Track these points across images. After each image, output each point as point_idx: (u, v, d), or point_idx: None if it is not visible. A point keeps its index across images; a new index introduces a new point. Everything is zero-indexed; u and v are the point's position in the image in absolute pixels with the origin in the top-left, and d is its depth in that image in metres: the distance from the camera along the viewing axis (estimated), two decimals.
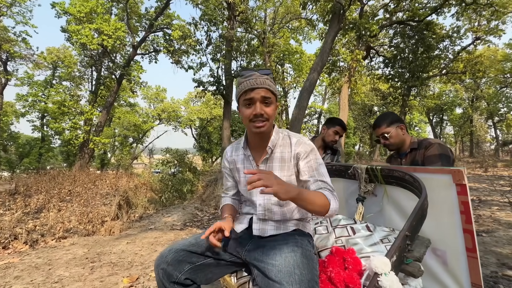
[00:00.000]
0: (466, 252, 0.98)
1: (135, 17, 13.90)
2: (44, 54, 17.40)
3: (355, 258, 0.80)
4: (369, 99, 20.65)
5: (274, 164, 1.01)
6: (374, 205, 1.30)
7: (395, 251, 0.73)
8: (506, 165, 14.68)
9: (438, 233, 1.05)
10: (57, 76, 18.62)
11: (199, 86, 8.85)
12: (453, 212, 1.01)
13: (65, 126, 15.11)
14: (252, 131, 0.98)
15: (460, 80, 14.68)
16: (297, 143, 1.02)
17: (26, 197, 5.55)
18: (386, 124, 1.51)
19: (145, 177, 10.28)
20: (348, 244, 0.96)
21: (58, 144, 20.16)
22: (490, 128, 27.13)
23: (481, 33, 11.68)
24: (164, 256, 0.89)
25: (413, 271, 0.78)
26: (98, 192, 6.50)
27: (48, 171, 8.91)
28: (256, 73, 0.99)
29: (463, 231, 0.98)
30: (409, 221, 0.81)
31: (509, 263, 2.32)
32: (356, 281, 0.72)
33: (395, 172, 1.16)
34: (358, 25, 8.36)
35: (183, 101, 27.35)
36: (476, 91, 21.76)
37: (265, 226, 1.01)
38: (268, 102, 0.96)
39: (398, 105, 13.25)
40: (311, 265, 0.80)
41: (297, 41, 16.95)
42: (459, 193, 0.99)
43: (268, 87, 0.95)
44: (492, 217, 3.94)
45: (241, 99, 0.98)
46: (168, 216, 5.10)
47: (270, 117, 0.96)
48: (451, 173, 1.01)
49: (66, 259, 2.56)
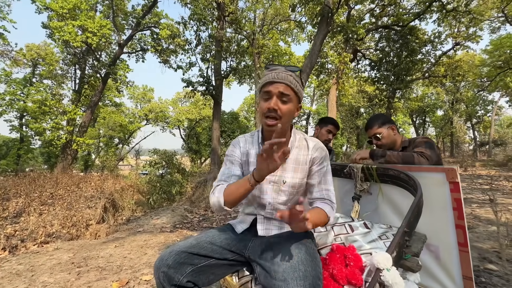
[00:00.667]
0: (458, 247, 1.03)
1: (121, 14, 13.53)
2: (23, 50, 16.61)
3: (356, 255, 0.82)
4: (356, 100, 21.14)
5: (288, 165, 1.00)
6: (369, 203, 1.32)
7: (395, 247, 0.75)
8: (483, 165, 15.47)
9: (432, 229, 1.09)
10: (37, 74, 17.79)
11: (188, 86, 8.76)
12: (446, 208, 1.05)
13: (46, 126, 14.45)
14: (264, 127, 0.97)
15: (441, 83, 15.32)
16: (314, 148, 1.01)
17: (4, 200, 5.26)
18: (378, 125, 1.55)
19: (132, 178, 10.02)
20: (348, 241, 0.97)
21: (39, 145, 19.26)
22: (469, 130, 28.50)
23: (460, 39, 12.26)
24: (164, 258, 0.86)
25: (412, 266, 0.80)
26: (82, 194, 6.27)
27: (27, 173, 8.50)
28: (281, 68, 0.95)
29: (455, 227, 1.02)
30: (407, 218, 0.83)
31: (490, 257, 2.44)
32: (358, 277, 0.74)
33: (390, 171, 1.19)
34: (346, 28, 8.56)
35: (171, 101, 26.90)
36: (456, 94, 22.79)
37: (270, 226, 1.00)
38: (286, 100, 0.92)
39: (384, 107, 13.65)
40: (314, 262, 0.80)
41: (286, 42, 17.09)
42: (452, 191, 1.03)
43: (289, 84, 0.91)
44: (473, 214, 4.13)
45: (261, 92, 0.96)
46: (157, 218, 4.99)
47: (283, 115, 0.92)
48: (444, 171, 1.05)
49: (50, 264, 2.44)
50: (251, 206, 1.07)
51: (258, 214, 1.03)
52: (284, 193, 0.99)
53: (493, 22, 14.43)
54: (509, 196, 5.64)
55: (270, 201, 0.99)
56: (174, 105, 26.56)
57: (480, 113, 25.70)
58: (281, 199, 0.99)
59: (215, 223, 4.47)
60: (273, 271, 0.77)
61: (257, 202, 1.02)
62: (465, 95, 22.89)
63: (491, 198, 2.40)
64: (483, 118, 26.15)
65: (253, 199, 1.04)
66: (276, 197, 0.99)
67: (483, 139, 29.64)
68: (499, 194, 5.85)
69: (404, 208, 1.16)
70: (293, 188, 0.99)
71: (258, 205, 1.03)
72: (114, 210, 6.10)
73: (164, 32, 11.25)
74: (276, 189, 0.99)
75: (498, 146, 29.55)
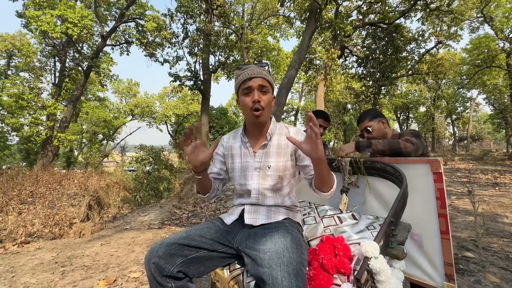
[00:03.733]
0: (440, 235, 1.08)
1: (103, 5, 12.95)
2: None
3: (345, 245, 0.84)
4: (343, 97, 21.49)
5: (271, 150, 1.06)
6: (357, 195, 1.36)
7: (382, 236, 0.78)
8: (462, 159, 16.24)
9: (416, 218, 1.13)
10: (13, 66, 16.82)
11: (176, 81, 8.58)
12: (430, 198, 1.10)
13: (24, 122, 13.76)
14: (251, 120, 1.04)
15: (424, 80, 15.86)
16: (296, 133, 1.10)
17: None
18: (368, 119, 1.59)
19: (117, 175, 9.77)
20: (337, 232, 1.00)
21: (16, 141, 18.32)
22: (449, 125, 29.75)
23: (442, 38, 12.67)
24: (155, 250, 0.87)
25: (398, 254, 0.83)
26: (65, 192, 6.05)
27: (5, 171, 8.08)
28: (253, 66, 1.04)
29: (438, 216, 1.07)
30: (393, 209, 0.86)
31: (467, 245, 2.58)
32: (347, 266, 0.76)
33: (377, 164, 1.22)
34: (334, 24, 8.64)
35: (157, 96, 26.26)
36: (438, 91, 23.68)
37: (257, 215, 1.03)
38: (265, 91, 1.02)
39: (370, 103, 13.96)
40: (300, 250, 0.83)
41: (274, 38, 17.05)
42: (436, 181, 1.07)
43: (264, 77, 1.02)
44: (452, 206, 4.34)
45: (240, 89, 1.03)
46: (145, 215, 4.91)
47: (265, 106, 1.01)
48: (429, 162, 1.09)
49: (32, 265, 2.35)
50: (240, 196, 1.11)
51: (245, 203, 1.07)
52: (270, 177, 1.04)
53: (473, 22, 15.05)
54: (484, 188, 5.97)
55: (255, 186, 1.04)
56: (161, 100, 25.96)
57: (459, 110, 26.88)
58: (268, 184, 1.03)
59: (204, 218, 4.45)
60: (259, 259, 0.79)
61: (244, 190, 1.07)
62: (446, 92, 23.83)
63: (469, 190, 2.53)
64: (462, 115, 27.38)
65: (240, 187, 1.08)
66: (262, 183, 1.04)
67: (462, 135, 31.09)
68: (475, 186, 6.18)
69: (390, 200, 1.20)
70: (278, 171, 1.03)
71: (244, 192, 1.07)
72: (99, 208, 5.94)
73: (150, 24, 10.91)
74: (263, 174, 1.04)
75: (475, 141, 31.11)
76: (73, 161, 19.58)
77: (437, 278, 1.13)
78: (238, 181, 1.09)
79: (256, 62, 1.26)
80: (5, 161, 18.85)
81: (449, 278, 1.10)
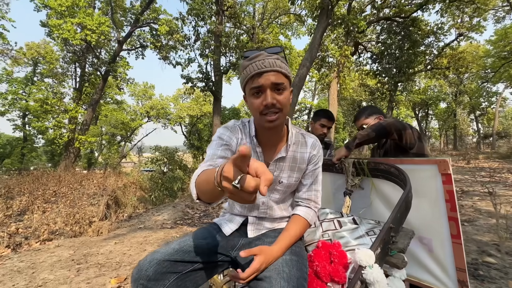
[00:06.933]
0: (451, 239, 1.02)
1: (120, 11, 13.46)
2: (23, 49, 16.65)
3: (341, 252, 0.81)
4: (357, 94, 20.97)
5: (285, 164, 0.90)
6: (361, 198, 1.32)
7: (380, 243, 0.74)
8: (486, 157, 15.32)
9: (425, 222, 1.09)
10: (38, 72, 17.86)
11: (188, 83, 8.73)
12: (438, 201, 1.04)
13: (49, 125, 14.56)
14: (263, 125, 0.82)
15: (444, 75, 15.11)
16: (313, 146, 0.93)
17: (8, 199, 5.33)
18: (364, 116, 1.55)
19: (134, 175, 10.10)
20: (335, 238, 0.97)
21: (42, 143, 19.45)
22: (472, 122, 28.20)
23: (463, 30, 12.04)
24: (144, 269, 0.74)
25: (397, 263, 0.79)
26: (85, 192, 6.32)
27: (31, 172, 8.59)
28: (264, 52, 0.81)
29: (448, 219, 1.01)
30: (393, 214, 0.82)
31: (489, 250, 2.43)
32: (342, 274, 0.73)
33: (381, 165, 1.17)
34: (346, 20, 8.43)
35: (172, 98, 26.87)
36: (459, 86, 22.50)
37: (261, 227, 0.96)
38: (281, 89, 0.79)
39: (386, 100, 13.52)
40: (300, 262, 0.78)
41: (286, 36, 16.92)
42: (444, 183, 1.02)
43: (279, 69, 0.78)
44: (474, 207, 4.11)
45: (247, 87, 0.81)
46: (158, 215, 5.03)
47: (283, 107, 0.80)
48: (436, 163, 1.04)
49: (51, 261, 2.48)
50: (241, 206, 0.98)
51: (249, 215, 0.96)
52: (278, 192, 0.94)
53: (498, 12, 14.13)
54: (511, 188, 5.60)
55: (264, 200, 0.93)
56: (175, 101, 26.54)
57: (484, 105, 25.35)
58: (274, 197, 0.94)
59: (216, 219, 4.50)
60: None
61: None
62: (468, 87, 22.58)
63: (490, 191, 2.38)
64: (487, 110, 25.82)
65: None
66: (269, 195, 0.94)
67: (487, 132, 29.35)
68: (501, 186, 5.80)
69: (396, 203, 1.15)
70: (289, 187, 0.94)
71: (250, 205, 0.94)
72: (116, 207, 6.16)
73: (163, 28, 11.18)
74: (271, 188, 0.92)
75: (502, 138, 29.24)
76: (93, 162, 20.49)
77: (449, 284, 1.07)
78: None
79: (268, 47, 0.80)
80: (32, 162, 20.05)
81: (462, 284, 1.04)
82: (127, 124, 22.78)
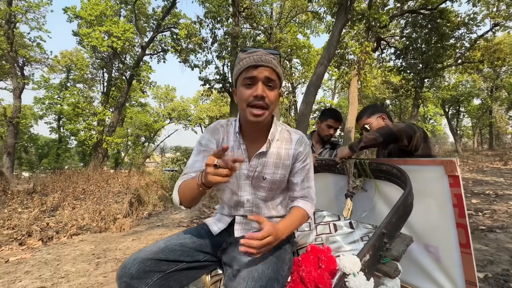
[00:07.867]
0: (459, 248, 0.93)
1: (143, 18, 14.13)
2: (58, 57, 18.06)
3: (330, 257, 0.77)
4: (380, 92, 20.07)
5: (269, 160, 0.90)
6: (365, 201, 1.25)
7: (369, 250, 0.70)
8: None
9: (430, 228, 1.00)
10: (71, 78, 19.29)
11: (205, 84, 8.90)
12: (445, 205, 0.96)
13: (80, 127, 15.66)
14: (248, 118, 0.84)
15: (477, 69, 13.95)
16: (299, 142, 0.93)
17: (43, 196, 5.81)
18: (367, 116, 1.49)
19: (156, 175, 10.51)
20: (328, 242, 0.93)
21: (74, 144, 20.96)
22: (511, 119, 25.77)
23: (500, 19, 11.03)
24: (127, 267, 0.75)
25: (389, 271, 0.73)
26: (111, 190, 6.69)
27: (64, 171, 9.29)
28: (262, 50, 0.84)
29: (456, 226, 0.93)
30: (388, 218, 0.77)
31: None
32: (327, 281, 0.69)
33: (383, 166, 1.11)
34: (367, 16, 8.11)
35: (192, 99, 27.64)
36: (496, 80, 20.66)
37: (248, 227, 0.95)
38: (272, 86, 0.83)
39: (411, 98, 12.80)
40: (279, 265, 0.76)
41: (304, 35, 16.67)
42: (452, 185, 0.94)
43: (274, 67, 0.83)
44: (508, 212, 3.75)
45: (240, 78, 0.84)
46: (176, 214, 5.20)
47: (271, 104, 0.83)
48: (443, 164, 0.96)
49: (74, 255, 2.66)
50: (228, 206, 0.98)
51: (236, 214, 0.96)
52: (264, 189, 0.92)
53: None
54: None
55: (249, 197, 0.93)
56: (195, 103, 27.26)
57: None
58: (261, 195, 0.93)
59: None
60: (235, 271, 0.76)
61: (235, 200, 0.94)
62: (506, 81, 20.63)
63: None
64: None
65: (230, 197, 0.95)
66: (254, 193, 0.93)
67: None
68: None
69: None
70: (273, 184, 0.92)
71: (235, 204, 0.95)
72: (138, 205, 6.45)
73: (183, 32, 11.56)
74: (255, 184, 0.92)
75: None
76: (120, 162, 21.67)
77: None
78: (226, 190, 0.95)
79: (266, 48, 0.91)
80: (66, 162, 21.66)
81: None
82: (151, 126, 23.79)
